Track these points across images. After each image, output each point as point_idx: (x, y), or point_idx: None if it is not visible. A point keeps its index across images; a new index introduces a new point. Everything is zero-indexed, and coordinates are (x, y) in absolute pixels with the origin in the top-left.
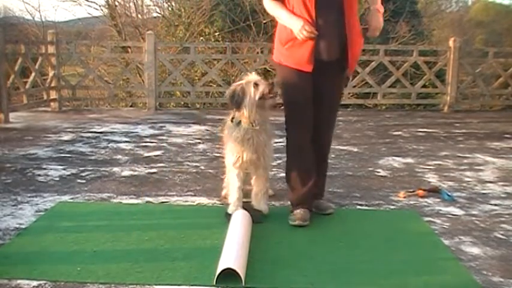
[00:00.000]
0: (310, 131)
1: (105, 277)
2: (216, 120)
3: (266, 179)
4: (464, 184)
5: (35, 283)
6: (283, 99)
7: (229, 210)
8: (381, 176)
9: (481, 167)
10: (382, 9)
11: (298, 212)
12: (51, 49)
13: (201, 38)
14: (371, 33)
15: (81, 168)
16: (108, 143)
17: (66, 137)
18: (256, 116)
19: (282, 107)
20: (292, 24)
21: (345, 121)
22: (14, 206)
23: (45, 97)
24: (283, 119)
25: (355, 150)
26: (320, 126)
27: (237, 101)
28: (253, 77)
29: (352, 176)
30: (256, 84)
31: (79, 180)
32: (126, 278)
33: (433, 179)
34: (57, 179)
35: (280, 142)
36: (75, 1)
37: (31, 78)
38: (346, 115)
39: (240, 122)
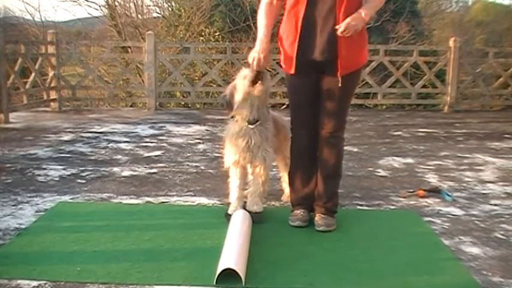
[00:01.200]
0: (310, 132)
1: (105, 277)
2: (216, 120)
3: (263, 180)
4: (464, 184)
5: (35, 283)
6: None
7: (229, 211)
8: (381, 176)
9: (481, 167)
10: (367, 17)
11: (298, 212)
12: (51, 49)
13: (201, 38)
14: (339, 30)
15: (81, 168)
16: (108, 143)
17: (66, 137)
18: (251, 112)
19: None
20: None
21: None
22: (14, 206)
23: (45, 97)
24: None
25: (355, 150)
26: (321, 130)
27: (229, 101)
28: (244, 71)
29: (352, 176)
30: (244, 76)
31: (79, 180)
32: (126, 278)
33: (433, 179)
34: (57, 179)
35: None
36: (75, 1)
37: (31, 78)
38: None
39: (236, 119)
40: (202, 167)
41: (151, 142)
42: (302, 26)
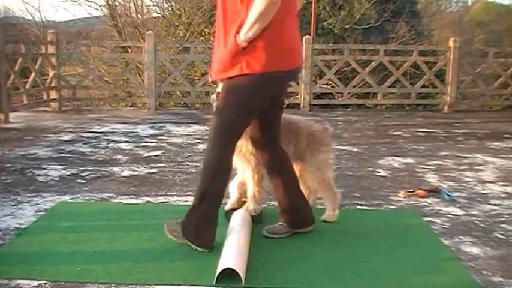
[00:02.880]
0: (264, 146)
1: (105, 277)
2: None
3: (256, 181)
4: (464, 184)
5: (35, 283)
6: None
7: (227, 207)
8: (381, 176)
9: (481, 167)
10: (239, 39)
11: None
12: (51, 49)
13: (201, 38)
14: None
15: (81, 168)
16: (108, 143)
17: (66, 137)
18: None
19: None
20: None
21: (345, 121)
22: (14, 206)
23: (45, 97)
24: None
25: (355, 150)
26: None
27: None
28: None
29: (352, 176)
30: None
31: (79, 180)
32: (126, 278)
33: (433, 179)
34: (57, 179)
35: None
36: (75, 1)
37: (31, 78)
38: (346, 115)
39: None
40: None
41: (151, 142)
42: None
